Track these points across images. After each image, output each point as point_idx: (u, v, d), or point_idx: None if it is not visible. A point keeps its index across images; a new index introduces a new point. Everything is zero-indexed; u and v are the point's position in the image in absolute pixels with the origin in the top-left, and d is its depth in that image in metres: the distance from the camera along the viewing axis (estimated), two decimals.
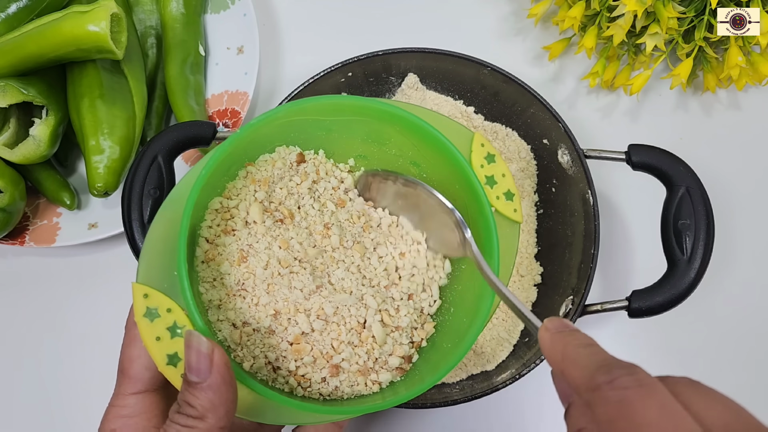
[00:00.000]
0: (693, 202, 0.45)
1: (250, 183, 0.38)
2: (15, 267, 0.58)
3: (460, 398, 0.46)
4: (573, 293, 0.49)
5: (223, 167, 0.37)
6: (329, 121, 0.38)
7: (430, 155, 0.38)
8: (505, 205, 0.38)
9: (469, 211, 0.37)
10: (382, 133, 0.39)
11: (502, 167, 0.38)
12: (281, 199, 0.38)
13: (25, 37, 0.50)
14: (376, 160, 0.39)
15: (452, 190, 0.37)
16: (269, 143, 0.39)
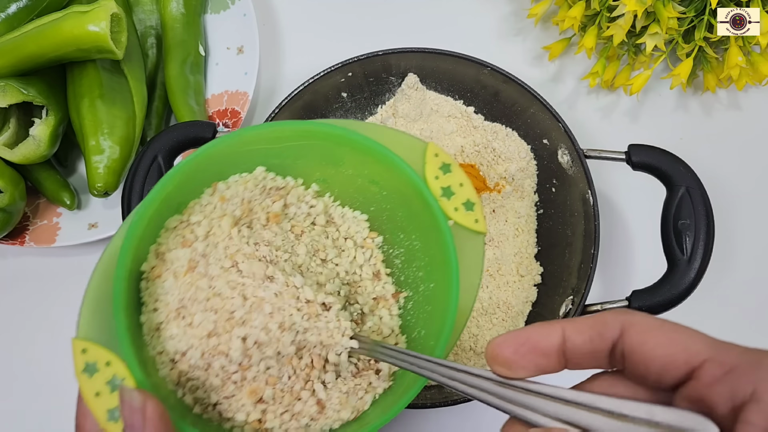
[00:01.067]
0: (693, 202, 0.45)
1: (219, 200, 0.36)
2: (15, 267, 0.58)
3: (460, 398, 0.46)
4: (573, 293, 0.49)
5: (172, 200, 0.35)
6: (279, 148, 0.37)
7: (384, 172, 0.36)
8: (465, 216, 0.35)
9: (427, 227, 0.35)
10: (334, 155, 0.37)
11: (459, 176, 0.36)
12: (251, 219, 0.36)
13: (25, 37, 0.50)
14: (336, 183, 0.38)
15: (413, 207, 0.35)
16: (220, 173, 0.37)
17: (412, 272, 0.36)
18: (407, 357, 0.30)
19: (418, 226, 0.35)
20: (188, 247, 0.34)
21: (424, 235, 0.35)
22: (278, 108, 0.50)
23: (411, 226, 0.36)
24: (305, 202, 0.37)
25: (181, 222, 0.35)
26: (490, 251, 0.53)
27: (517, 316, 0.52)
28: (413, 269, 0.36)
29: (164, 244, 0.34)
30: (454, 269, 0.33)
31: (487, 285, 0.53)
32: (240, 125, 0.56)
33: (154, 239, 0.35)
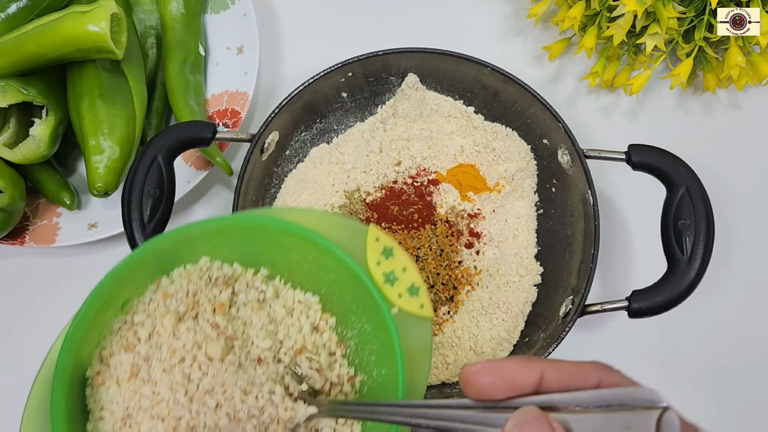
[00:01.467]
0: (693, 202, 0.45)
1: (162, 297, 0.35)
2: (15, 267, 0.58)
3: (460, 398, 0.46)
4: (573, 293, 0.49)
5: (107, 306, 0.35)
6: (222, 238, 0.37)
7: (326, 258, 0.35)
8: (410, 302, 0.34)
9: (371, 315, 0.35)
10: (278, 242, 0.36)
11: (402, 260, 0.35)
12: (197, 312, 0.36)
13: (25, 37, 0.50)
14: (285, 267, 0.37)
15: (357, 293, 0.35)
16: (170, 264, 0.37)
17: (366, 356, 0.35)
18: (367, 407, 0.31)
19: (366, 310, 0.35)
20: (131, 352, 0.34)
21: (372, 320, 0.35)
22: (278, 108, 0.50)
23: (360, 309, 0.35)
24: (255, 287, 0.37)
25: (125, 323, 0.35)
26: (490, 251, 0.53)
27: (517, 316, 0.52)
28: (366, 353, 0.35)
29: (107, 348, 0.34)
30: (398, 359, 0.32)
31: (487, 285, 0.53)
32: (240, 125, 0.56)
33: (98, 342, 0.34)
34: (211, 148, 0.53)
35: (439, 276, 0.53)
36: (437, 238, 0.53)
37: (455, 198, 0.55)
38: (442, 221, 0.54)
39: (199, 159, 0.56)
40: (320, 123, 0.56)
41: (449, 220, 0.54)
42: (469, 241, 0.54)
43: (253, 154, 0.49)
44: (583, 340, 0.54)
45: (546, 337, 0.48)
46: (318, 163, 0.56)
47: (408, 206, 0.55)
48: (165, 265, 0.36)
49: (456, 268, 0.53)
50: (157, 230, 0.46)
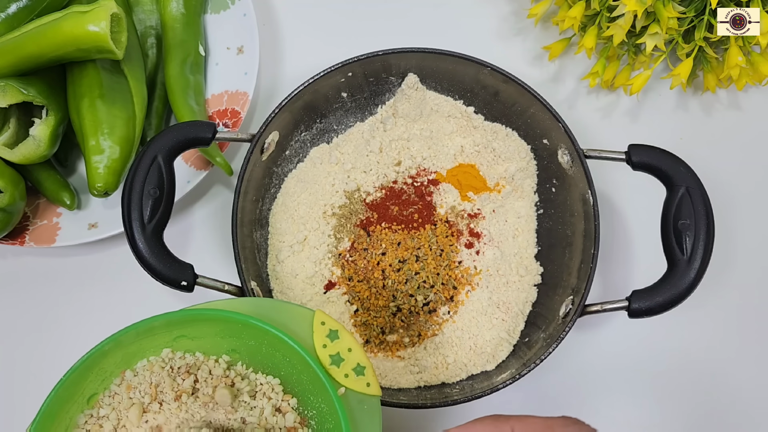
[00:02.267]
0: (693, 202, 0.45)
1: (125, 390, 0.37)
2: (15, 267, 0.58)
3: (460, 398, 0.46)
4: (573, 293, 0.49)
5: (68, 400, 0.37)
6: (181, 330, 0.39)
7: (278, 343, 0.37)
8: (356, 381, 0.36)
9: (324, 396, 0.36)
10: (234, 330, 0.38)
11: (347, 341, 0.37)
12: (161, 400, 0.37)
13: (25, 37, 0.49)
14: (245, 352, 0.39)
15: (310, 374, 0.37)
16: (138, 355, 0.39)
17: None
18: None
19: (320, 391, 0.37)
20: None
21: (325, 401, 0.37)
22: (278, 108, 0.50)
23: (315, 389, 0.37)
24: (216, 375, 0.38)
25: (90, 416, 0.37)
26: (490, 251, 0.53)
27: (517, 316, 0.52)
28: (325, 431, 0.37)
29: None
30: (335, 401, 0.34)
31: (487, 285, 0.53)
32: (240, 125, 0.56)
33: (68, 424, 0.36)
34: (211, 148, 0.53)
35: (439, 276, 0.53)
36: (437, 238, 0.54)
37: (455, 198, 0.55)
38: (442, 221, 0.54)
39: (199, 159, 0.56)
40: (320, 123, 0.56)
41: (449, 220, 0.54)
42: (469, 241, 0.54)
43: (253, 154, 0.49)
44: (583, 340, 0.54)
45: (546, 337, 0.48)
46: (318, 163, 0.56)
47: (408, 206, 0.55)
48: (128, 359, 0.38)
49: (456, 268, 0.53)
50: (157, 230, 0.46)
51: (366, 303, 0.52)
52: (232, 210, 0.49)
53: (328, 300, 0.53)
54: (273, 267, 0.53)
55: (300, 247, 0.53)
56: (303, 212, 0.54)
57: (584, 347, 0.54)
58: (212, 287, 0.47)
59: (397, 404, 0.46)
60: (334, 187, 0.55)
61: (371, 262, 0.53)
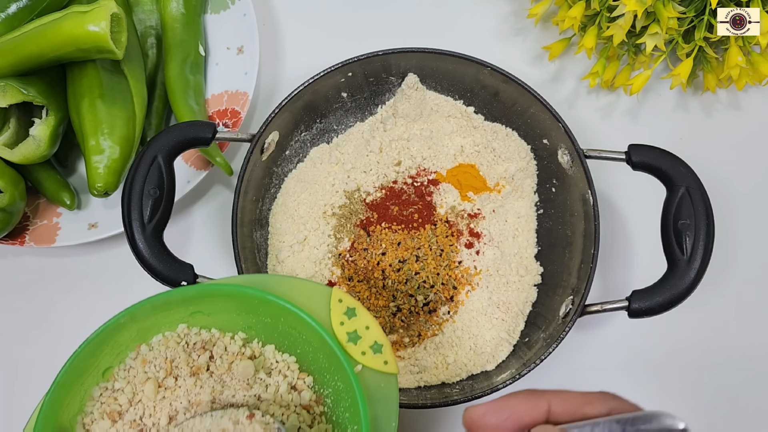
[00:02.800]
0: (693, 202, 0.45)
1: (141, 364, 0.37)
2: (15, 267, 0.58)
3: (460, 398, 0.46)
4: (573, 293, 0.49)
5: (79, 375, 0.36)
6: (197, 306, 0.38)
7: (295, 321, 0.37)
8: (374, 359, 0.36)
9: (340, 374, 0.36)
10: (250, 306, 0.38)
11: (365, 319, 0.37)
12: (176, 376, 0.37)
13: (25, 37, 0.49)
14: (261, 330, 0.39)
15: (327, 352, 0.36)
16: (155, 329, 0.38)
17: (341, 413, 0.37)
18: None
19: (336, 369, 0.36)
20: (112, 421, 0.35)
21: (342, 378, 0.36)
22: (278, 108, 0.50)
23: (332, 367, 0.37)
24: (232, 351, 0.38)
25: (106, 389, 0.36)
26: (490, 251, 0.53)
27: (517, 316, 0.52)
28: (341, 409, 0.37)
29: (89, 415, 0.36)
30: (362, 416, 0.34)
31: (487, 285, 0.53)
32: (240, 125, 0.56)
33: (79, 408, 0.36)
34: (211, 148, 0.53)
35: (439, 276, 0.53)
36: (437, 238, 0.54)
37: (455, 198, 0.55)
38: (442, 221, 0.54)
39: (199, 159, 0.56)
40: (320, 123, 0.56)
41: (449, 220, 0.54)
42: (469, 241, 0.54)
43: (253, 154, 0.49)
44: (583, 340, 0.54)
45: (546, 337, 0.48)
46: (318, 163, 0.56)
47: (408, 206, 0.55)
48: (144, 334, 0.38)
49: (456, 268, 0.53)
50: (157, 230, 0.46)
51: (366, 303, 0.52)
52: (232, 210, 0.49)
53: None
54: (273, 267, 0.53)
55: (300, 247, 0.53)
56: (303, 212, 0.54)
57: (584, 347, 0.54)
58: None
59: None
60: (334, 187, 0.55)
61: (371, 262, 0.53)
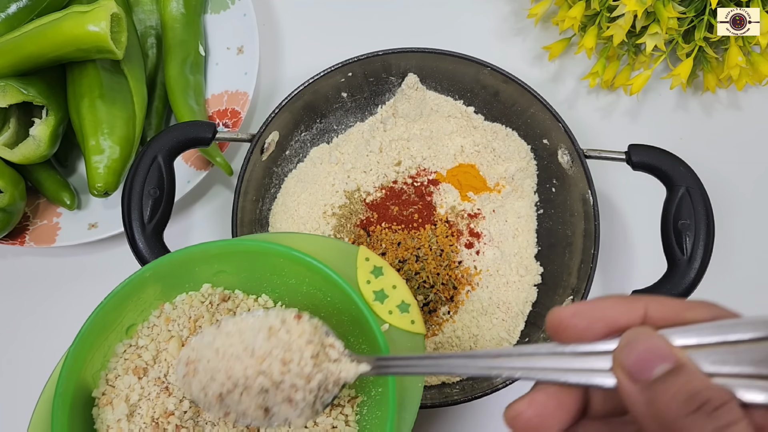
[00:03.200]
0: (693, 202, 0.45)
1: (164, 322, 0.37)
2: (15, 267, 0.58)
3: (460, 398, 0.46)
4: (573, 293, 0.49)
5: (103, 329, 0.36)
6: (221, 264, 0.38)
7: (320, 280, 0.36)
8: (401, 318, 0.35)
9: (366, 334, 0.35)
10: (275, 265, 0.37)
11: (392, 278, 0.36)
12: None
13: (25, 37, 0.50)
14: (285, 292, 0.38)
15: (353, 312, 0.35)
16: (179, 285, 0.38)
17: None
18: (429, 361, 0.29)
19: (361, 330, 0.35)
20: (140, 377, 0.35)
21: (367, 339, 0.35)
22: (278, 108, 0.50)
23: (356, 330, 0.36)
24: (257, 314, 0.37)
25: (130, 346, 0.36)
26: (490, 251, 0.53)
27: (517, 316, 0.52)
28: None
29: (113, 371, 0.35)
30: (390, 378, 0.33)
31: (487, 285, 0.53)
32: (240, 125, 0.56)
33: (102, 364, 0.36)
34: (211, 148, 0.53)
35: (439, 276, 0.53)
36: (437, 238, 0.54)
37: (455, 198, 0.55)
38: (442, 221, 0.54)
39: (199, 159, 0.56)
40: (320, 123, 0.56)
41: (449, 220, 0.54)
42: (469, 241, 0.54)
43: (253, 154, 0.49)
44: None
45: (546, 337, 0.48)
46: (318, 163, 0.56)
47: (408, 206, 0.55)
48: (167, 292, 0.37)
49: (456, 268, 0.53)
50: (157, 230, 0.46)
51: None
52: (232, 210, 0.49)
53: None
54: None
55: None
56: (303, 212, 0.54)
57: None
58: None
59: None
60: (334, 187, 0.55)
61: None
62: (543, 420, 0.24)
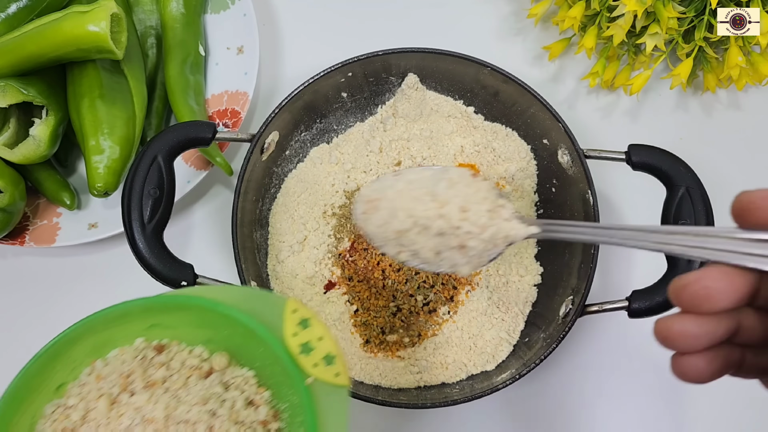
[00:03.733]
0: (693, 202, 0.45)
1: (95, 380, 0.36)
2: (15, 267, 0.58)
3: (460, 398, 0.46)
4: (573, 293, 0.49)
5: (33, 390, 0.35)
6: (155, 319, 0.38)
7: (249, 333, 0.36)
8: (326, 371, 0.35)
9: (295, 387, 0.35)
10: (206, 319, 0.37)
11: (318, 330, 0.36)
12: (132, 392, 0.36)
13: (25, 37, 0.49)
14: (220, 342, 0.38)
15: (282, 364, 0.36)
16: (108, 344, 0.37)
17: (296, 428, 0.36)
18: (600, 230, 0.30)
19: (291, 382, 0.36)
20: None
21: (296, 392, 0.35)
22: (278, 108, 0.50)
23: (288, 381, 0.36)
24: (191, 366, 0.37)
25: (58, 407, 0.35)
26: None
27: (517, 316, 0.52)
28: (297, 425, 0.36)
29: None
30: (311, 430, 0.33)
31: (487, 285, 0.53)
32: (240, 125, 0.56)
33: (30, 427, 0.35)
34: (211, 148, 0.53)
35: (439, 276, 0.53)
36: None
37: None
38: None
39: (199, 159, 0.56)
40: (320, 123, 0.56)
41: None
42: None
43: (253, 154, 0.49)
44: (583, 340, 0.54)
45: (546, 337, 0.48)
46: (318, 163, 0.56)
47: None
48: (99, 348, 0.37)
49: None
50: (157, 230, 0.46)
51: (366, 303, 0.52)
52: (232, 210, 0.49)
53: (328, 300, 0.53)
54: (273, 267, 0.53)
55: (300, 247, 0.53)
56: (303, 212, 0.54)
57: (584, 347, 0.54)
58: None
59: (397, 404, 0.46)
60: (334, 187, 0.55)
61: (371, 262, 0.53)
62: (710, 294, 0.24)
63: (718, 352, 0.25)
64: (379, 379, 0.50)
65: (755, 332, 0.25)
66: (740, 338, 0.26)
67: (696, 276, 0.24)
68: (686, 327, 0.24)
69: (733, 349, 0.26)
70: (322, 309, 0.52)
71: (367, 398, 0.46)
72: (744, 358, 0.26)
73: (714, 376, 0.25)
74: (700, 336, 0.24)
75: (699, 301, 0.24)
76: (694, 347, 0.25)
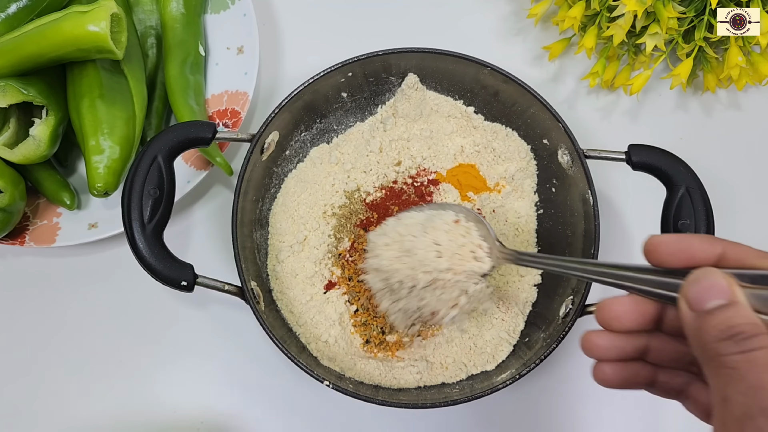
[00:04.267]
0: (693, 202, 0.45)
1: None
2: (15, 267, 0.58)
3: (460, 398, 0.46)
4: (573, 293, 0.49)
5: None
6: None
7: None
8: None
9: None
10: None
11: None
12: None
13: (25, 37, 0.49)
14: None
15: None
16: None
17: None
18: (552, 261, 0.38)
19: None
20: None
21: None
22: (278, 108, 0.50)
23: None
24: None
25: None
26: None
27: (517, 316, 0.52)
28: None
29: None
30: None
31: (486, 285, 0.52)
32: (240, 125, 0.56)
33: None
34: (211, 148, 0.53)
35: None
36: None
37: (455, 198, 0.55)
38: None
39: (199, 159, 0.56)
40: (320, 123, 0.56)
41: None
42: None
43: (253, 154, 0.49)
44: None
45: (546, 337, 0.48)
46: (318, 163, 0.56)
47: (408, 206, 0.55)
48: None
49: None
50: (157, 230, 0.46)
51: (366, 303, 0.52)
52: (232, 210, 0.49)
53: (328, 300, 0.53)
54: (273, 267, 0.53)
55: (300, 247, 0.53)
56: (303, 212, 0.54)
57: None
58: (212, 287, 0.47)
59: (397, 404, 0.46)
60: (334, 187, 0.55)
61: None
62: (618, 316, 0.30)
63: (628, 365, 0.31)
64: (379, 379, 0.50)
65: (664, 353, 0.31)
66: (652, 357, 0.31)
67: (610, 301, 0.31)
68: (600, 340, 0.31)
69: (644, 366, 0.31)
70: (322, 309, 0.52)
71: (367, 398, 0.46)
72: (656, 377, 0.31)
73: (623, 385, 0.31)
74: (609, 348, 0.31)
75: (609, 321, 0.30)
76: (606, 357, 0.31)
